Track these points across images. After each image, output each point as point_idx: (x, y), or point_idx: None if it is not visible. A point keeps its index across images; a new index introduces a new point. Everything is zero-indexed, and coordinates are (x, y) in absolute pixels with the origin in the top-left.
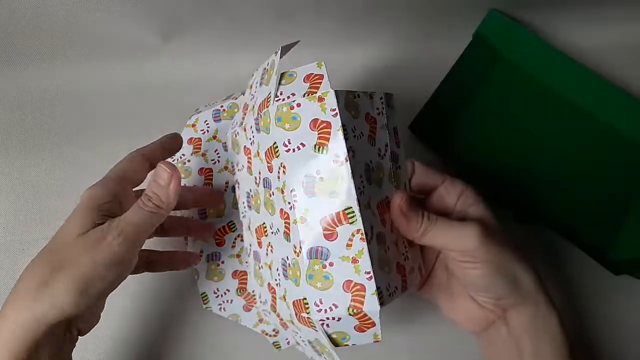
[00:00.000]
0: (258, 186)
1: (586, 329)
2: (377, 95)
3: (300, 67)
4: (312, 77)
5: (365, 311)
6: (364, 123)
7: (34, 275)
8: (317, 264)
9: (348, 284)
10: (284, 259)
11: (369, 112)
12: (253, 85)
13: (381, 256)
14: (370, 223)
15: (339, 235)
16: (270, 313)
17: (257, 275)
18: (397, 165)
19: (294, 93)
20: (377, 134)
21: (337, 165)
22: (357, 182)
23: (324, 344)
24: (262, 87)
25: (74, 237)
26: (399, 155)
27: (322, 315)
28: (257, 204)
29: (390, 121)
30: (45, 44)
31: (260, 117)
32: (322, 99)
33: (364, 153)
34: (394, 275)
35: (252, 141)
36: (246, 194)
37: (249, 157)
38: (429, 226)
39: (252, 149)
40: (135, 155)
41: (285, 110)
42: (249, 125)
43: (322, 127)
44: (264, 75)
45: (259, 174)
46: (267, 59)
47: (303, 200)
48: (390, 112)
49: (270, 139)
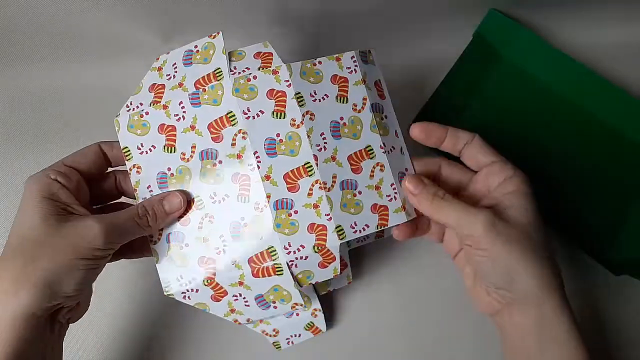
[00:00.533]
0: (189, 161)
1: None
2: (347, 55)
3: (247, 47)
4: (262, 55)
5: (328, 246)
6: (330, 84)
7: (7, 270)
8: (284, 214)
9: (312, 226)
10: (236, 221)
11: (337, 73)
12: (163, 68)
13: (346, 200)
14: (333, 173)
15: (300, 187)
16: (197, 290)
17: (176, 256)
18: (382, 115)
19: (248, 67)
20: (350, 91)
21: (295, 127)
22: (317, 139)
23: (285, 286)
24: (191, 66)
25: (41, 228)
26: (383, 106)
27: (291, 256)
28: (183, 180)
29: (368, 76)
30: (45, 44)
31: (204, 91)
32: (277, 72)
33: (329, 112)
34: (366, 214)
35: (179, 117)
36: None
37: (173, 134)
38: (440, 203)
39: (177, 126)
40: (94, 146)
41: (243, 82)
42: (176, 101)
43: (278, 96)
44: (192, 55)
45: (192, 148)
46: (188, 44)
47: (266, 160)
48: (367, 67)
49: (223, 109)
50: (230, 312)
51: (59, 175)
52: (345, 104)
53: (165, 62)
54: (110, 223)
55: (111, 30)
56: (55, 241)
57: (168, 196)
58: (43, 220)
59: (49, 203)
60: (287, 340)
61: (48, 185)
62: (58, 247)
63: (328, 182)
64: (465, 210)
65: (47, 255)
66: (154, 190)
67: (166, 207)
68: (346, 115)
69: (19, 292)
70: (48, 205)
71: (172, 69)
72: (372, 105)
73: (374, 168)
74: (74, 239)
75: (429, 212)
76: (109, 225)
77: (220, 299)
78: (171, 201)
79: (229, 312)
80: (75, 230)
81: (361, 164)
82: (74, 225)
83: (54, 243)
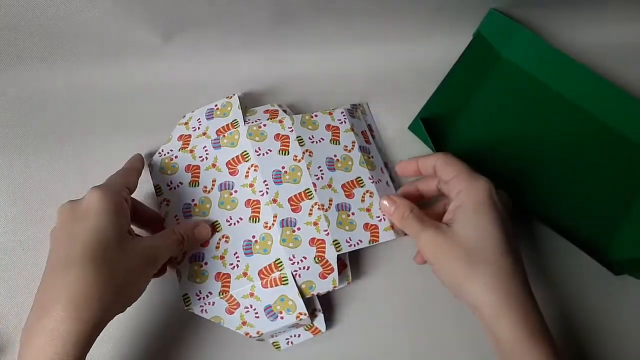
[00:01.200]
0: (210, 193)
1: (586, 329)
2: (338, 111)
3: (257, 107)
4: (270, 111)
5: (327, 257)
6: (325, 131)
7: (78, 282)
8: (288, 230)
9: (312, 240)
10: (248, 240)
11: (330, 123)
12: (189, 122)
13: (342, 219)
14: (330, 197)
15: (302, 208)
16: (213, 303)
17: (196, 274)
18: (369, 155)
19: (259, 119)
20: (341, 137)
21: (297, 162)
22: (315, 171)
23: (290, 296)
24: (212, 120)
25: (114, 242)
26: (369, 149)
27: (295, 266)
28: (205, 208)
29: (355, 127)
30: (46, 44)
31: (224, 137)
32: (282, 121)
33: (324, 151)
34: (359, 231)
35: (203, 158)
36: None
37: (197, 172)
38: (404, 222)
39: (201, 165)
40: (133, 167)
41: (255, 129)
42: (200, 146)
43: (283, 138)
44: (213, 111)
45: (213, 182)
46: (209, 104)
47: (273, 187)
48: (354, 120)
49: (239, 149)
50: (242, 324)
51: (126, 194)
52: (337, 145)
53: (191, 118)
54: (164, 244)
55: (112, 30)
56: (132, 255)
57: (199, 227)
58: (121, 235)
59: (123, 219)
60: (287, 341)
61: (120, 203)
62: (134, 260)
63: (325, 204)
64: (416, 227)
65: (126, 267)
66: (180, 219)
67: (197, 235)
68: (339, 154)
69: (102, 298)
70: (122, 221)
71: (197, 122)
72: (360, 147)
73: (364, 194)
74: (145, 254)
75: (402, 228)
76: (163, 246)
77: (233, 311)
78: (201, 231)
79: (241, 325)
80: (145, 248)
81: (353, 190)
82: (143, 243)
83: (131, 257)
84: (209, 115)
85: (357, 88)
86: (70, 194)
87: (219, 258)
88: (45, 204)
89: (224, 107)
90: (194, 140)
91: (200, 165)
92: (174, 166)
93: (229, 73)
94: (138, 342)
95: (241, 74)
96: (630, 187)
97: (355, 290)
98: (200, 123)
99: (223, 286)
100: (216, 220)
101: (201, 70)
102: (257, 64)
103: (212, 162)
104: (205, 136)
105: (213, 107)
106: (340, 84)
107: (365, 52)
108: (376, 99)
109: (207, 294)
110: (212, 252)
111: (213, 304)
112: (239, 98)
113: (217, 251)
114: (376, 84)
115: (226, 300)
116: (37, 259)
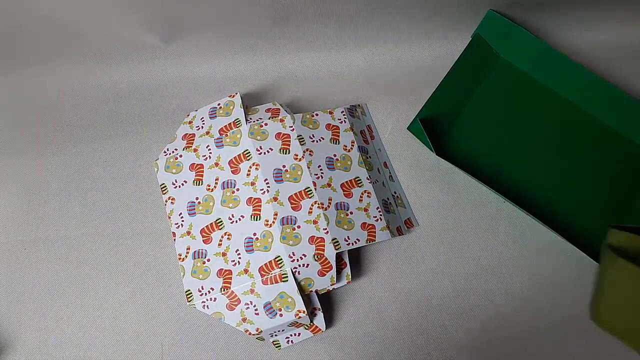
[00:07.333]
0: (213, 191)
1: (586, 328)
2: (338, 110)
3: (259, 106)
4: (271, 110)
5: (326, 255)
6: (325, 130)
7: None
8: (289, 228)
9: (312, 238)
10: (249, 237)
11: (330, 122)
12: (193, 121)
13: (340, 218)
14: (329, 196)
15: (302, 207)
16: (215, 299)
17: (199, 270)
18: (367, 155)
19: (261, 118)
20: (341, 136)
21: (297, 160)
22: (315, 170)
23: (289, 293)
24: (215, 119)
25: None
26: (367, 149)
27: (294, 264)
28: (208, 206)
29: (355, 126)
30: (46, 45)
31: (227, 136)
32: (283, 120)
33: (324, 150)
34: (357, 231)
35: (206, 157)
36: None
37: (201, 171)
38: None
39: (205, 164)
40: None
41: (257, 127)
42: (204, 145)
43: (284, 137)
44: (216, 110)
45: (216, 180)
46: (212, 103)
47: (274, 185)
48: (353, 120)
49: (241, 148)
50: (242, 321)
51: None
52: (337, 145)
53: (195, 117)
54: None
55: (113, 31)
56: None
57: None
58: None
59: None
60: (287, 340)
61: None
62: None
63: (325, 203)
64: None
65: None
66: (184, 216)
67: None
68: (338, 153)
69: None
70: None
71: (200, 121)
72: (359, 147)
73: (362, 194)
74: None
75: None
76: None
77: (234, 307)
78: None
79: (241, 322)
80: None
81: (352, 190)
82: None
83: None
84: (212, 114)
85: (357, 88)
86: (71, 194)
87: (221, 255)
88: (45, 204)
89: (227, 107)
90: (197, 139)
91: (204, 164)
92: (178, 165)
93: (229, 74)
94: (138, 340)
95: (240, 75)
96: (629, 187)
97: (354, 289)
98: (204, 122)
99: (224, 282)
100: (219, 218)
101: (201, 71)
102: (257, 64)
103: (215, 160)
104: (209, 135)
105: (216, 105)
106: (340, 84)
107: (365, 52)
108: (375, 100)
109: (209, 289)
110: (214, 249)
111: (214, 299)
112: (241, 98)
113: (219, 248)
114: (375, 84)
115: (227, 296)
116: (38, 258)
